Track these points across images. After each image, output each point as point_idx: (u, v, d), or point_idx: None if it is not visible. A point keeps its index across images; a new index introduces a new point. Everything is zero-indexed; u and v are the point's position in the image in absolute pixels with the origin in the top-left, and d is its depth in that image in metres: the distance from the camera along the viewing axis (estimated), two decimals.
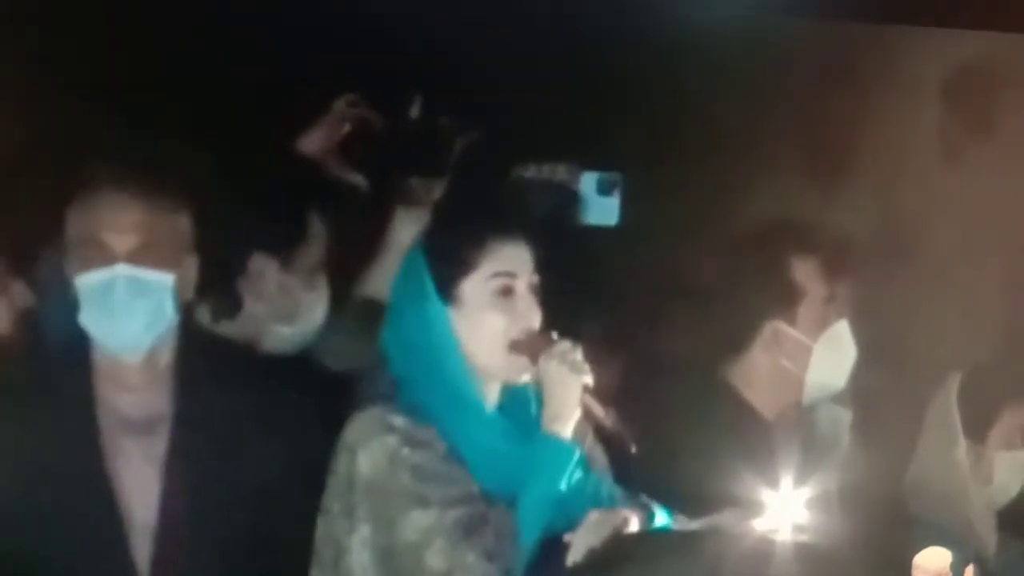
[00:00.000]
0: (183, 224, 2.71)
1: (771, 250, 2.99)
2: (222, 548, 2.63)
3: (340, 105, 3.03)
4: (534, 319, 2.62)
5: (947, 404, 3.15)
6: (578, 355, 2.59)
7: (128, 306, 2.63)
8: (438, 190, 2.99)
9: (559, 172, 3.20)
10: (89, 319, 2.64)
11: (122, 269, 2.62)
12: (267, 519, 2.64)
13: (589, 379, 2.59)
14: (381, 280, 2.93)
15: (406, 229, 2.97)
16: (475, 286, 2.59)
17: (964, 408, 3.14)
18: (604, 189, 3.24)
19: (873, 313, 3.14)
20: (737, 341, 3.04)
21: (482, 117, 3.06)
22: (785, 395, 3.08)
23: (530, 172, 3.19)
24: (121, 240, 2.62)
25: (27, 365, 2.71)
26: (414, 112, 3.00)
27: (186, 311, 2.74)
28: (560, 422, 2.59)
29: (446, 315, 2.59)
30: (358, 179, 3.04)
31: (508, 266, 2.60)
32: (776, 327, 3.02)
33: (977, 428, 3.15)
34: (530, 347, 2.60)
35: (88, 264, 2.62)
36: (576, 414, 2.59)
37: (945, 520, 3.09)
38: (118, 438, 2.65)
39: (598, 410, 2.59)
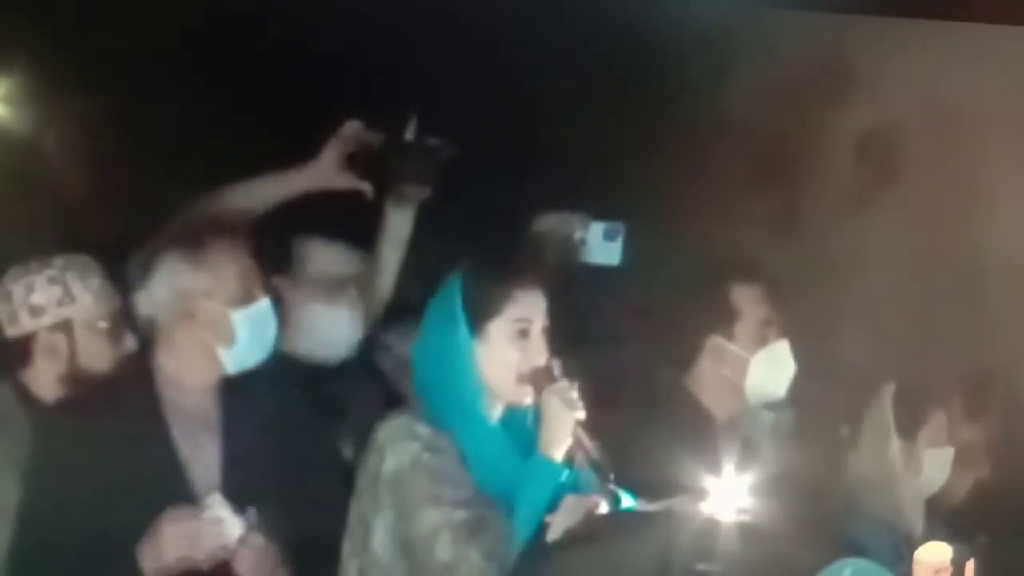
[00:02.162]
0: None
1: (715, 278, 3.45)
2: (270, 517, 3.04)
3: (347, 130, 3.47)
4: (542, 357, 3.05)
5: (883, 409, 3.51)
6: (574, 394, 3.03)
7: (267, 329, 3.13)
8: (425, 193, 3.47)
9: (572, 223, 3.69)
10: (239, 346, 3.10)
11: (265, 302, 3.12)
12: (308, 498, 3.07)
13: (581, 415, 3.02)
14: (380, 262, 3.44)
15: (399, 222, 3.47)
16: (499, 327, 3.03)
17: (897, 412, 3.51)
18: (609, 236, 3.68)
19: (818, 333, 3.54)
20: (689, 353, 3.48)
21: (495, 159, 3.52)
22: (733, 400, 3.48)
23: (548, 223, 3.68)
24: (254, 280, 3.12)
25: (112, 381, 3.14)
26: (409, 134, 3.48)
27: None
28: (554, 448, 3.01)
29: (471, 346, 3.03)
30: (366, 187, 3.48)
31: (527, 313, 3.05)
32: (717, 342, 3.47)
33: (908, 429, 3.52)
34: (535, 380, 3.04)
35: (239, 301, 3.10)
36: (568, 442, 3.02)
37: (879, 506, 3.48)
38: (185, 427, 3.08)
39: (587, 442, 3.02)
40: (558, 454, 3.02)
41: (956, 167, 3.61)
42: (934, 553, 3.01)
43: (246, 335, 3.10)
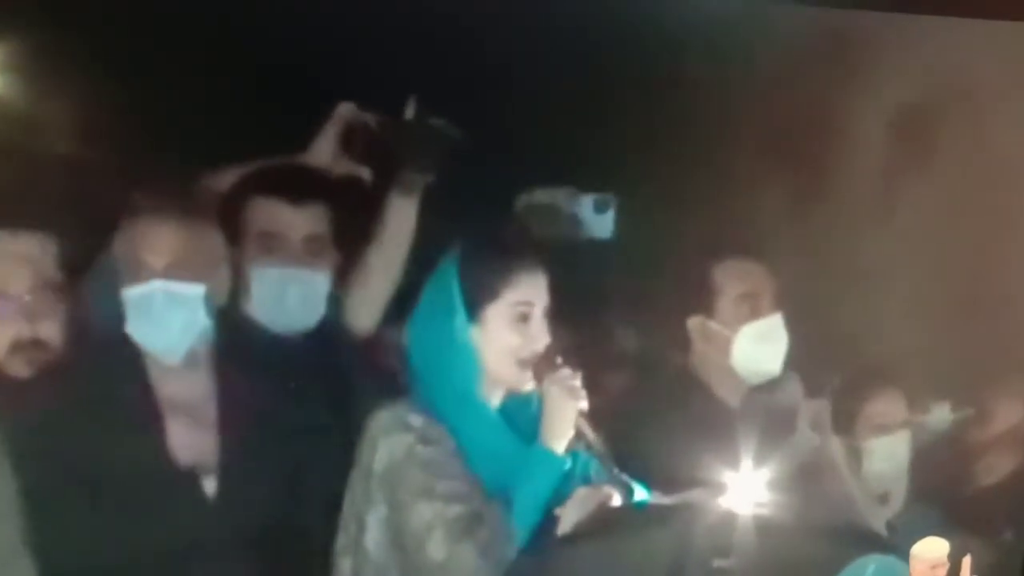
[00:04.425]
0: (216, 239, 3.06)
1: (694, 252, 3.33)
2: (264, 516, 2.97)
3: (342, 112, 3.25)
4: (543, 341, 2.95)
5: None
6: (577, 382, 2.94)
7: (164, 316, 2.97)
8: (429, 179, 3.24)
9: (559, 196, 3.57)
10: (133, 328, 2.98)
11: (158, 284, 2.96)
12: (301, 490, 2.99)
13: (584, 405, 2.94)
14: (380, 260, 3.20)
15: (402, 212, 3.24)
16: (498, 311, 2.93)
17: (837, 406, 3.40)
18: (600, 209, 3.53)
19: (829, 313, 3.37)
20: (680, 335, 3.35)
21: (479, 133, 3.34)
22: (736, 383, 3.34)
23: (533, 198, 3.54)
24: (157, 258, 2.97)
25: (91, 360, 3.00)
26: (409, 113, 3.25)
27: (220, 313, 3.06)
28: (555, 440, 2.93)
29: (469, 330, 2.92)
30: (363, 171, 3.26)
31: (528, 296, 2.95)
32: (700, 320, 3.34)
33: (846, 424, 3.41)
34: (536, 367, 2.95)
35: (131, 279, 2.96)
36: (570, 434, 2.93)
37: (839, 498, 3.36)
38: (174, 415, 2.99)
39: (590, 434, 2.94)
40: (560, 446, 2.95)
41: (977, 154, 3.47)
42: (931, 548, 2.96)
43: (136, 317, 2.98)
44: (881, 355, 3.42)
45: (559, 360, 2.96)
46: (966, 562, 3.00)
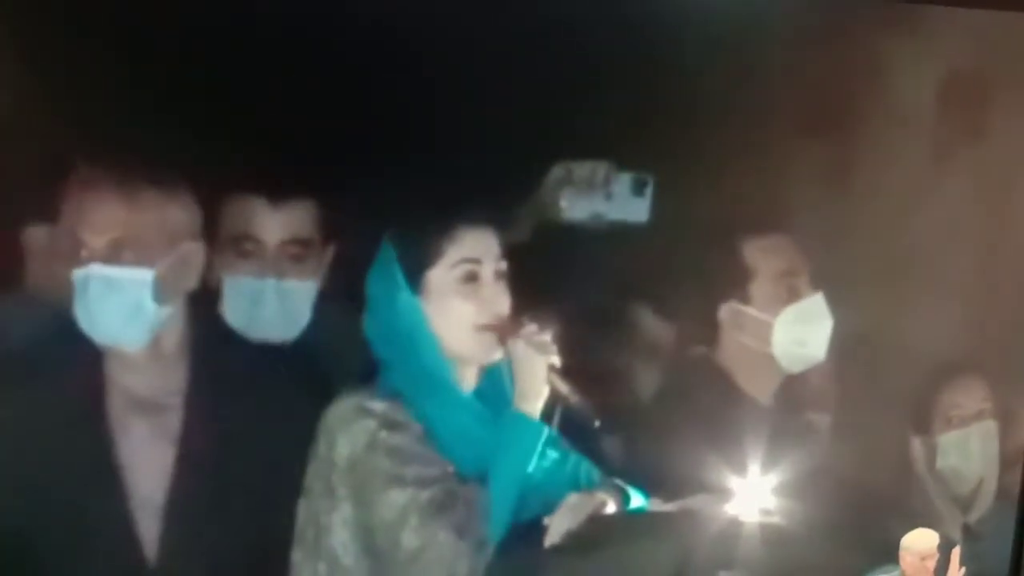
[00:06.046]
0: (175, 214, 2.81)
1: (721, 232, 3.06)
2: (228, 525, 2.78)
3: None
4: (501, 305, 2.75)
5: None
6: (545, 337, 2.74)
7: (101, 304, 2.76)
8: None
9: (596, 172, 3.35)
10: (78, 313, 2.77)
11: (96, 269, 2.74)
12: (273, 499, 2.79)
13: (555, 359, 2.74)
14: None
15: None
16: (441, 274, 2.73)
17: (912, 406, 3.22)
18: (637, 189, 3.34)
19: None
20: (707, 326, 3.10)
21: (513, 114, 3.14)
22: (768, 374, 3.11)
23: (566, 172, 3.31)
24: (97, 239, 2.74)
25: (33, 351, 2.82)
26: None
27: (190, 298, 2.83)
28: (528, 401, 2.74)
29: (417, 305, 2.73)
30: None
31: (472, 252, 2.73)
32: (732, 307, 3.08)
33: (922, 419, 3.23)
34: (500, 330, 2.74)
35: (74, 262, 2.75)
36: (544, 392, 2.74)
37: (915, 503, 3.21)
38: (126, 417, 2.79)
39: (563, 387, 2.73)
40: (534, 407, 2.77)
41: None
42: (921, 540, 2.85)
43: (80, 301, 2.76)
44: (947, 342, 3.22)
45: (524, 319, 2.76)
46: (955, 552, 2.87)
